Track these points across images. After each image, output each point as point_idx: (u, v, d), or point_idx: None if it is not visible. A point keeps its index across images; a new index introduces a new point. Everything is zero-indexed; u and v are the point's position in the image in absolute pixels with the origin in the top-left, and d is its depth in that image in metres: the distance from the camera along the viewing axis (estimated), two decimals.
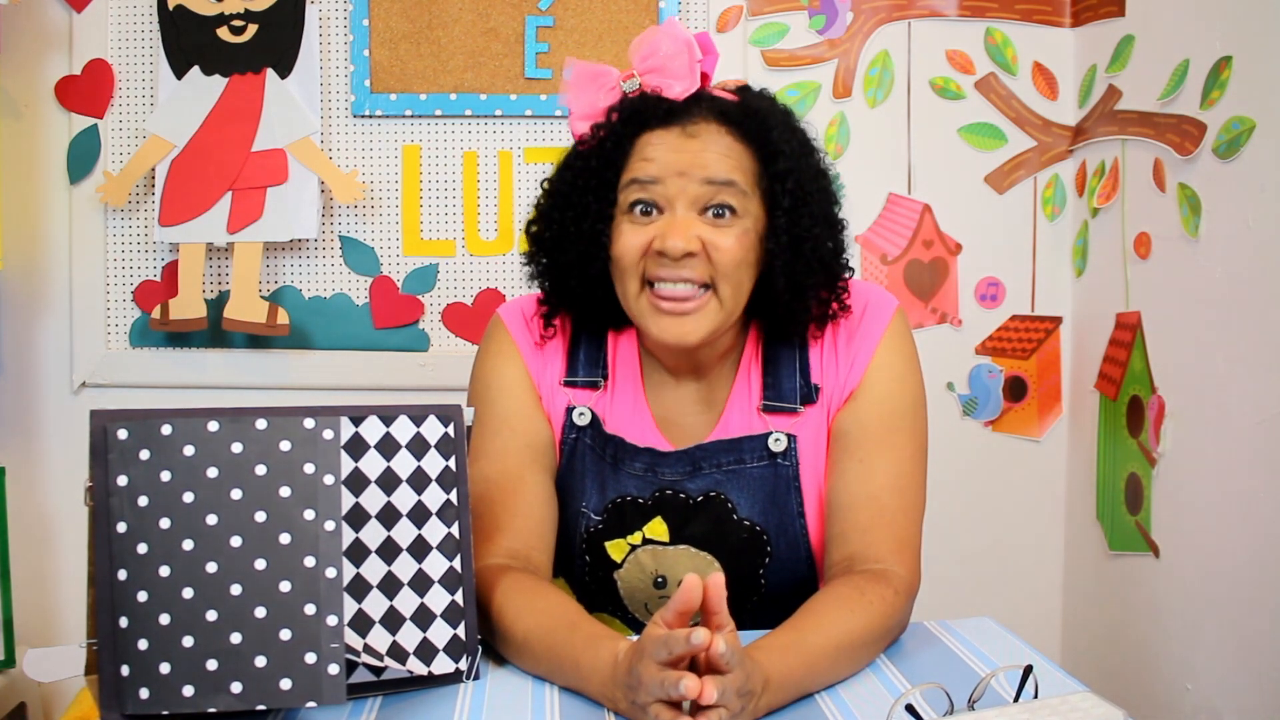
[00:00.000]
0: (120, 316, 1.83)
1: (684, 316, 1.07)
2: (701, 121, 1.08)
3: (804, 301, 1.11)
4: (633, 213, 1.08)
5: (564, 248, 1.12)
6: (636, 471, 1.15)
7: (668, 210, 1.07)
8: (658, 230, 1.07)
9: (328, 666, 0.84)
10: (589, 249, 1.10)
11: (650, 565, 1.15)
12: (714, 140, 1.07)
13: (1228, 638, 1.45)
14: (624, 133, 1.09)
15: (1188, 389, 1.55)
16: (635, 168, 1.08)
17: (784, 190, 1.08)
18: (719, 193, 1.06)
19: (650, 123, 1.09)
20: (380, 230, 1.84)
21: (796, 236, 1.09)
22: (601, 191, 1.09)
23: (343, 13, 1.81)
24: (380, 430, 0.94)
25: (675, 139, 1.07)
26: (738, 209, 1.07)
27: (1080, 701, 0.84)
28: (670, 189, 1.06)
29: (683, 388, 1.18)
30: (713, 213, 1.07)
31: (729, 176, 1.06)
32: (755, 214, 1.09)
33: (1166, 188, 1.59)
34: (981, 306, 1.91)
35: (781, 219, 1.08)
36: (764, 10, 1.85)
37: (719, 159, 1.07)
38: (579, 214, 1.10)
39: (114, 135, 1.81)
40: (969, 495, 1.92)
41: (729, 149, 1.08)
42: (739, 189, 1.07)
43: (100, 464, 0.87)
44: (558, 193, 1.13)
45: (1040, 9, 1.87)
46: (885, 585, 1.03)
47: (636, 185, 1.08)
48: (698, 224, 1.06)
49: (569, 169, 1.13)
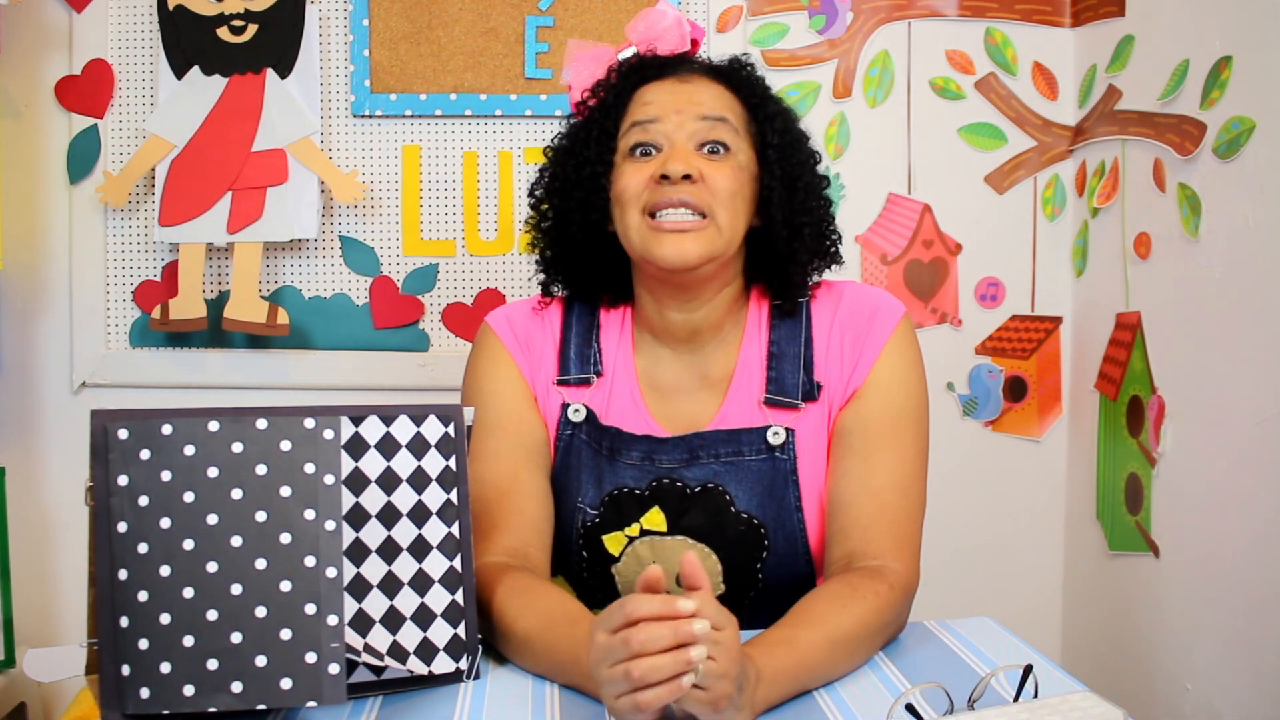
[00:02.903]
0: (120, 316, 1.83)
1: (683, 235, 1.10)
2: (694, 75, 1.17)
3: (801, 239, 1.15)
4: (633, 155, 1.14)
5: (567, 195, 1.17)
6: (634, 461, 1.16)
7: (667, 147, 1.13)
8: (658, 162, 1.12)
9: (328, 666, 0.84)
10: (590, 195, 1.15)
11: (648, 558, 1.15)
12: (706, 85, 1.16)
13: (1228, 638, 1.45)
14: (622, 87, 1.17)
15: (1188, 389, 1.55)
16: (634, 112, 1.15)
17: (774, 130, 1.16)
18: (714, 128, 1.13)
19: (648, 76, 1.17)
20: (380, 230, 1.84)
21: (789, 174, 1.15)
22: (603, 140, 1.15)
23: (343, 13, 1.81)
24: (380, 430, 0.94)
25: (670, 85, 1.16)
26: (731, 146, 1.13)
27: (1080, 701, 0.84)
28: (668, 126, 1.13)
29: (680, 361, 1.19)
30: (708, 149, 1.13)
31: (722, 113, 1.14)
32: (747, 155, 1.15)
33: (1166, 188, 1.59)
34: (981, 306, 1.91)
35: (773, 155, 1.15)
36: (764, 10, 1.86)
37: (712, 99, 1.15)
38: (580, 162, 1.16)
39: (114, 135, 1.81)
40: (969, 495, 1.92)
41: (720, 93, 1.16)
42: (731, 126, 1.14)
43: (101, 464, 0.87)
44: (560, 151, 1.20)
45: (1040, 9, 1.87)
46: (880, 581, 1.03)
47: (637, 128, 1.14)
48: (695, 156, 1.12)
49: (570, 132, 1.20)
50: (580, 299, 1.23)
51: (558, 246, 1.20)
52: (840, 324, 1.16)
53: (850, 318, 1.16)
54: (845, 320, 1.16)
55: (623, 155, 1.15)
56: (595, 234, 1.17)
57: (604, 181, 1.15)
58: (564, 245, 1.20)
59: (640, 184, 1.12)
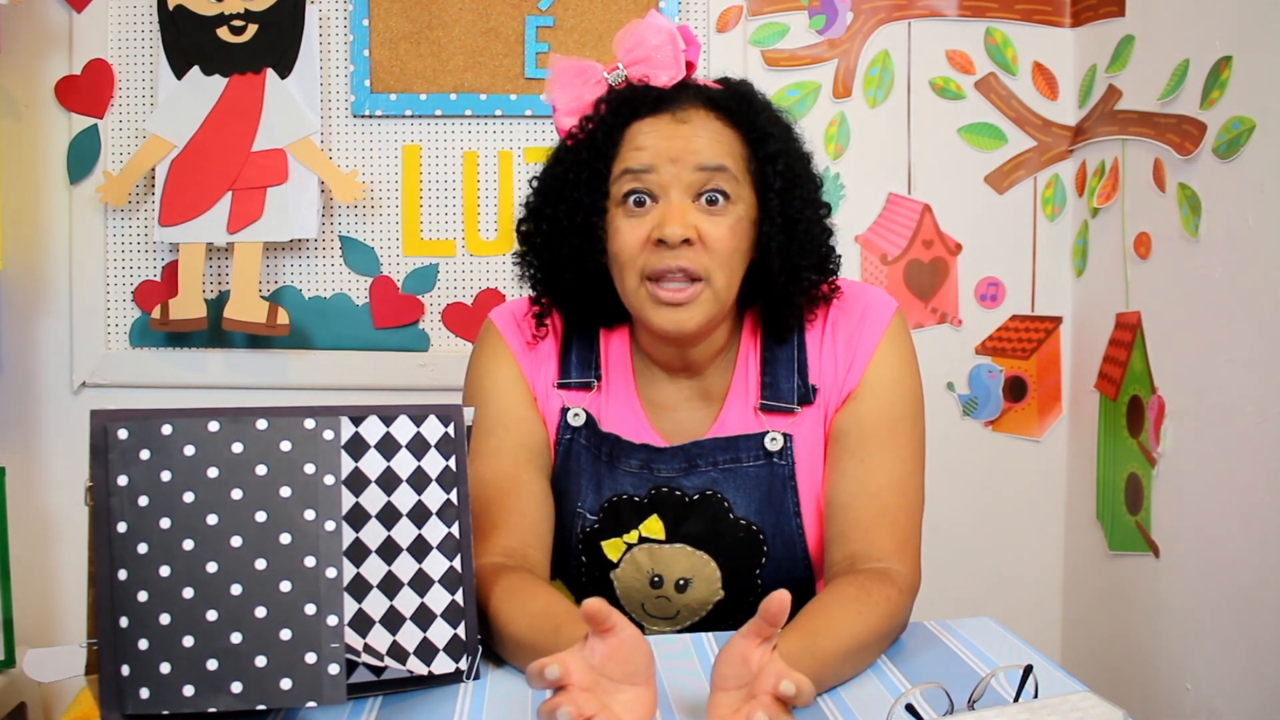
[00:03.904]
0: (120, 316, 1.83)
1: (680, 307, 1.07)
2: (690, 108, 1.09)
3: (798, 283, 1.11)
4: (626, 204, 1.09)
5: (558, 242, 1.12)
6: (632, 469, 1.15)
7: (662, 198, 1.08)
8: (654, 220, 1.07)
9: (328, 666, 0.84)
10: (584, 243, 1.10)
11: (647, 564, 1.15)
12: (704, 125, 1.09)
13: (1228, 638, 1.45)
14: (613, 123, 1.09)
15: (1188, 389, 1.55)
16: (627, 157, 1.08)
17: (775, 173, 1.10)
18: (712, 178, 1.07)
19: (640, 111, 1.09)
20: (380, 230, 1.84)
21: (790, 218, 1.10)
22: (594, 184, 1.09)
23: (343, 13, 1.81)
24: (380, 430, 0.94)
25: (666, 125, 1.08)
26: (730, 195, 1.08)
27: (1080, 701, 0.84)
28: (664, 176, 1.07)
29: (677, 385, 1.18)
30: (706, 199, 1.07)
31: (721, 162, 1.08)
32: (747, 199, 1.10)
33: (1166, 188, 1.59)
34: (981, 306, 1.91)
35: (774, 201, 1.09)
36: (764, 10, 1.85)
37: (710, 144, 1.08)
38: (571, 207, 1.10)
39: (114, 135, 1.81)
40: (969, 495, 1.92)
41: (719, 133, 1.09)
42: (731, 174, 1.08)
43: (100, 464, 0.87)
44: (548, 188, 1.13)
45: (1040, 9, 1.87)
46: (890, 585, 1.03)
47: (630, 175, 1.08)
48: (692, 211, 1.07)
49: (559, 164, 1.13)
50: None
51: (551, 286, 1.17)
52: (832, 324, 1.16)
53: (842, 317, 1.15)
54: (837, 320, 1.16)
55: (615, 201, 1.09)
56: (590, 279, 1.13)
57: (599, 232, 1.10)
58: (557, 289, 1.16)
59: (636, 245, 1.07)
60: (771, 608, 0.79)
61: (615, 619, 0.81)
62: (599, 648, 0.81)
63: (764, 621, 0.80)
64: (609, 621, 0.81)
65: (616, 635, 0.81)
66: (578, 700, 0.78)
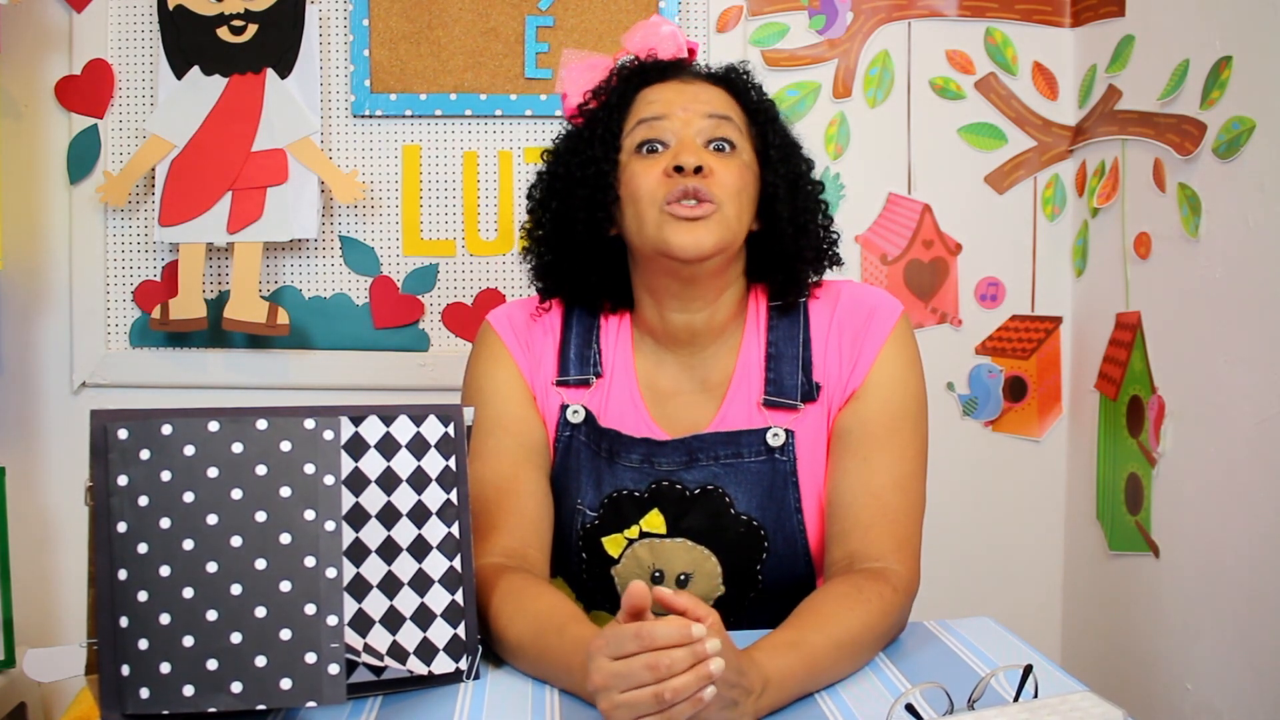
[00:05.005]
0: (120, 316, 1.83)
1: (697, 223, 1.10)
2: (694, 79, 1.19)
3: (806, 236, 1.16)
4: (640, 152, 1.14)
5: (570, 193, 1.16)
6: (633, 463, 1.16)
7: (675, 143, 1.13)
8: (669, 157, 1.12)
9: (328, 666, 0.84)
10: (594, 193, 1.15)
11: (647, 560, 1.15)
12: (707, 87, 1.18)
13: (1228, 638, 1.45)
14: (626, 88, 1.18)
15: (1188, 389, 1.55)
16: (640, 110, 1.16)
17: (774, 132, 1.18)
18: (719, 126, 1.14)
19: (649, 78, 1.18)
20: (380, 230, 1.84)
21: (792, 173, 1.17)
22: (607, 139, 1.15)
23: (343, 13, 1.81)
24: (380, 430, 0.94)
25: (674, 85, 1.17)
26: (736, 144, 1.14)
27: (1080, 701, 0.84)
28: (675, 123, 1.13)
29: (679, 366, 1.18)
30: (714, 146, 1.14)
31: (726, 112, 1.16)
32: (749, 155, 1.16)
33: (1166, 188, 1.59)
34: (981, 306, 1.91)
35: (775, 155, 1.17)
36: (764, 10, 1.85)
37: (716, 97, 1.17)
38: (585, 160, 1.16)
39: (114, 135, 1.81)
40: (969, 495, 1.92)
41: (721, 95, 1.18)
42: (735, 125, 1.15)
43: (100, 464, 0.87)
44: (561, 150, 1.20)
45: (1040, 9, 1.87)
46: (884, 583, 1.03)
47: (643, 125, 1.14)
48: (704, 152, 1.13)
49: (571, 134, 1.20)
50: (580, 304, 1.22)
51: (557, 251, 1.19)
52: (838, 324, 1.16)
53: (848, 317, 1.16)
54: (843, 320, 1.16)
55: (629, 153, 1.14)
56: (597, 236, 1.16)
57: (610, 180, 1.15)
58: (564, 249, 1.18)
59: (654, 181, 1.11)
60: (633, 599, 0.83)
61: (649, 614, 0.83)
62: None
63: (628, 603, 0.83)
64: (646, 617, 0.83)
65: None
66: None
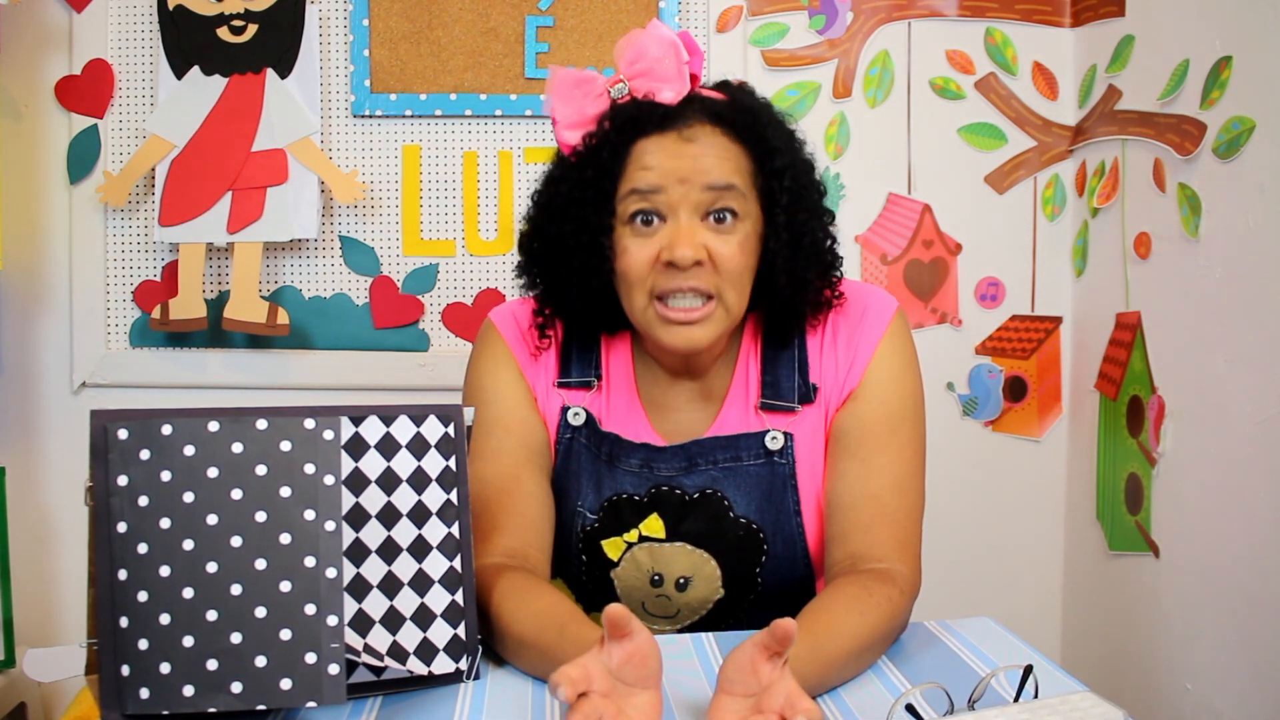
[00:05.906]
0: (120, 316, 1.83)
1: (692, 325, 1.07)
2: (696, 124, 1.07)
3: (804, 294, 1.12)
4: (634, 223, 1.07)
5: (564, 260, 1.11)
6: (632, 468, 1.15)
7: (670, 218, 1.07)
8: (664, 241, 1.06)
9: (328, 666, 0.84)
10: (590, 261, 1.09)
11: (647, 563, 1.15)
12: (711, 143, 1.07)
13: (1228, 638, 1.45)
14: (619, 141, 1.07)
15: (1188, 389, 1.55)
16: (634, 177, 1.07)
17: (781, 188, 1.09)
18: (720, 198, 1.06)
19: (646, 129, 1.07)
20: (380, 230, 1.84)
21: (795, 232, 1.10)
22: (600, 202, 1.08)
23: (343, 13, 1.81)
24: (380, 430, 0.94)
25: (672, 144, 1.07)
26: (739, 212, 1.07)
27: (1080, 701, 0.84)
28: (672, 196, 1.06)
29: (679, 386, 1.18)
30: (715, 218, 1.07)
31: (729, 180, 1.07)
32: (754, 215, 1.10)
33: (1166, 188, 1.59)
34: (981, 306, 1.91)
35: (780, 216, 1.09)
36: (764, 10, 1.85)
37: (718, 162, 1.07)
38: (578, 227, 1.09)
39: (114, 135, 1.81)
40: (969, 495, 1.92)
41: (726, 150, 1.08)
42: (739, 192, 1.07)
43: (100, 464, 0.87)
44: (552, 205, 1.12)
45: (1040, 9, 1.87)
46: (891, 585, 1.03)
47: (637, 195, 1.07)
48: (701, 231, 1.06)
49: (563, 181, 1.11)
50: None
51: (555, 302, 1.16)
52: (833, 324, 1.16)
53: (843, 317, 1.16)
54: (838, 320, 1.16)
55: (622, 220, 1.08)
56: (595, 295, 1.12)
57: (606, 252, 1.08)
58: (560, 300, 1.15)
59: (645, 265, 1.07)
60: (778, 634, 0.79)
61: (634, 624, 0.81)
62: (616, 652, 0.81)
63: (774, 639, 0.80)
64: (629, 627, 0.81)
65: (633, 640, 0.82)
66: (599, 707, 0.78)
